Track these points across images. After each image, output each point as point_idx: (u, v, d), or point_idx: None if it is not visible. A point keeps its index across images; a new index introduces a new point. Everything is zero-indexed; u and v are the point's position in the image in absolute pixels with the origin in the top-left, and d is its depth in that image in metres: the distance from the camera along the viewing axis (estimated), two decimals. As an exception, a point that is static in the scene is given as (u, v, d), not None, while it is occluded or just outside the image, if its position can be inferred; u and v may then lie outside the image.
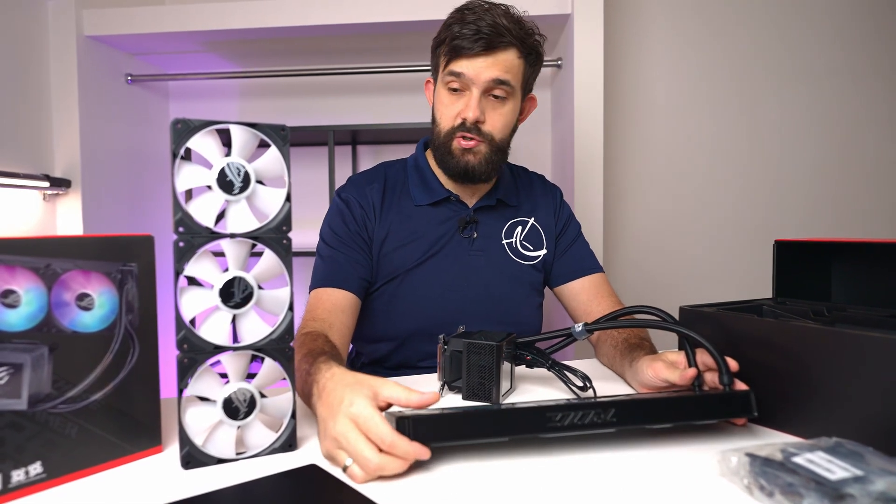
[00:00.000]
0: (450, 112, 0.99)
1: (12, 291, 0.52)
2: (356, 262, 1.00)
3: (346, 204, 1.04)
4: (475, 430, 0.57)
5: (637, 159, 2.17)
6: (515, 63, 0.97)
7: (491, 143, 0.99)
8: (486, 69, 0.94)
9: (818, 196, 2.15)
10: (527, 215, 1.11)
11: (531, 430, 0.58)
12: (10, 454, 0.51)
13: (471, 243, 1.05)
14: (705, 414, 0.62)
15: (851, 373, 0.59)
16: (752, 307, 0.83)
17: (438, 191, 1.06)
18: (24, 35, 1.69)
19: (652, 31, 2.13)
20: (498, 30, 0.93)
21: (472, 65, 0.94)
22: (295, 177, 2.26)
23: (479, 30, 0.93)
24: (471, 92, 0.96)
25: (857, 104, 2.13)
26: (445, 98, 0.99)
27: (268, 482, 0.55)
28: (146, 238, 0.61)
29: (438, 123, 1.01)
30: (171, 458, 0.61)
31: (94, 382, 0.57)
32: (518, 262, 1.08)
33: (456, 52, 0.95)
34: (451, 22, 0.97)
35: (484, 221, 1.07)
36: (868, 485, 0.45)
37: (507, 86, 0.96)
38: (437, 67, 1.02)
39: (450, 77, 0.96)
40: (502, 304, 1.05)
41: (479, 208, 1.07)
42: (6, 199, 1.63)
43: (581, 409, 0.59)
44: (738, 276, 2.16)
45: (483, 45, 0.93)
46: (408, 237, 1.03)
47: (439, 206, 1.06)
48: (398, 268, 1.02)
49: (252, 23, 1.79)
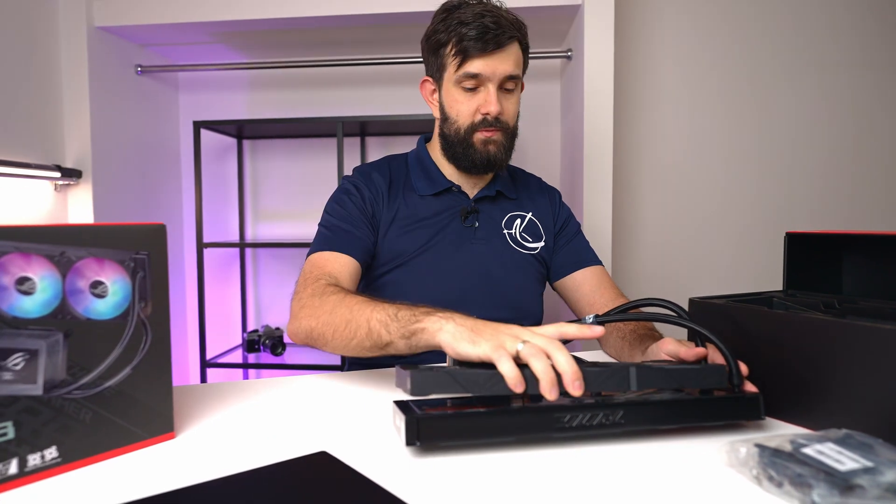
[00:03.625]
0: (467, 109, 1.01)
1: (28, 278, 0.52)
2: (361, 235, 1.01)
3: (354, 186, 1.06)
4: (484, 430, 0.58)
5: (647, 151, 2.15)
6: (520, 55, 1.03)
7: (506, 130, 1.04)
8: (500, 65, 0.98)
9: (832, 189, 2.13)
10: (524, 210, 1.14)
11: (540, 430, 0.59)
12: (27, 438, 0.52)
13: (473, 232, 1.07)
14: (713, 416, 0.63)
15: (861, 365, 0.59)
16: (763, 299, 0.83)
17: (441, 181, 1.09)
18: (35, 26, 1.70)
19: (663, 21, 2.11)
20: (502, 26, 0.97)
21: (486, 64, 0.98)
22: (304, 168, 2.27)
23: (486, 29, 0.96)
24: (487, 88, 1.00)
25: (871, 96, 2.10)
26: (460, 96, 1.02)
27: (278, 468, 0.55)
28: (158, 227, 0.62)
29: (455, 121, 1.03)
30: (184, 444, 0.62)
31: (108, 369, 0.57)
32: (519, 251, 1.10)
33: (467, 53, 0.97)
34: (449, 22, 0.98)
35: (485, 211, 1.10)
36: (878, 476, 0.45)
37: (517, 78, 1.02)
38: (440, 67, 1.03)
39: (466, 78, 0.99)
40: (504, 290, 1.07)
41: (479, 199, 1.10)
42: (18, 189, 1.65)
43: (590, 409, 0.59)
44: (750, 269, 2.15)
45: (494, 45, 0.96)
46: (412, 224, 1.05)
47: (441, 197, 1.09)
48: (402, 253, 1.03)
49: (262, 14, 1.80)
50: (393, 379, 0.86)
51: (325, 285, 0.85)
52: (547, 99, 2.17)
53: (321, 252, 0.96)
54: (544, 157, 2.19)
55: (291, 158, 2.29)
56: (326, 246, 0.97)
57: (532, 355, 0.57)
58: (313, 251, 0.98)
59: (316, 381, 0.85)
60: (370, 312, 0.73)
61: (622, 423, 0.60)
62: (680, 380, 0.63)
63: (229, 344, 2.29)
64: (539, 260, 1.12)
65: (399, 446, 0.60)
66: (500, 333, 0.61)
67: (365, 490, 0.51)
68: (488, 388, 0.58)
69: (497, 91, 1.00)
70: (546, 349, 0.58)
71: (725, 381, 0.64)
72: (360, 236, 1.00)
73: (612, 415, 0.60)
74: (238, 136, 2.22)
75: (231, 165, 2.30)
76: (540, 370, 0.56)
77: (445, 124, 1.05)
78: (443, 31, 1.00)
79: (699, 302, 0.78)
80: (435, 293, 1.02)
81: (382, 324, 0.71)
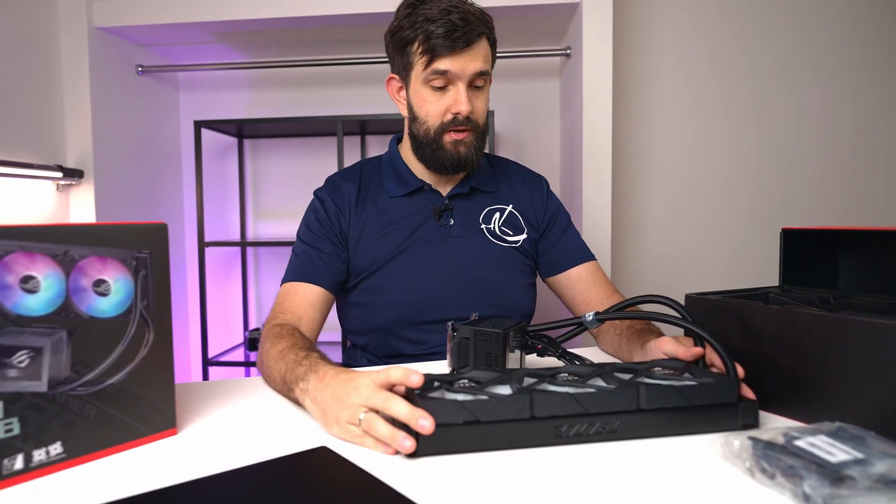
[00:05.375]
0: (437, 109, 0.99)
1: (32, 277, 0.53)
2: (329, 257, 1.01)
3: (320, 202, 1.07)
4: (483, 442, 0.59)
5: (647, 149, 2.16)
6: (488, 51, 1.00)
7: (476, 129, 1.02)
8: (469, 63, 0.96)
9: (830, 186, 2.13)
10: (504, 202, 1.11)
11: (538, 440, 0.60)
12: (32, 434, 0.53)
13: (448, 230, 1.06)
14: (710, 424, 0.63)
15: (854, 359, 0.60)
16: (759, 295, 0.83)
17: (412, 181, 1.08)
18: (36, 27, 1.71)
19: (662, 18, 2.11)
20: (470, 22, 0.95)
21: (455, 62, 0.95)
22: (304, 167, 2.27)
23: (454, 26, 0.93)
24: (456, 86, 0.97)
25: (869, 94, 2.10)
26: (429, 96, 0.99)
27: (279, 464, 0.56)
28: (160, 226, 0.63)
29: (425, 121, 1.01)
30: (186, 440, 0.63)
31: (111, 366, 0.58)
32: (499, 245, 1.08)
33: (436, 52, 0.95)
34: (415, 19, 0.96)
35: (460, 208, 1.08)
36: (868, 467, 0.46)
37: (487, 74, 1.00)
38: (407, 65, 1.00)
39: (434, 76, 0.97)
40: (487, 287, 1.05)
41: (452, 196, 1.08)
42: (21, 189, 1.66)
43: (587, 418, 0.60)
44: (749, 266, 2.15)
45: (464, 43, 0.94)
46: (384, 229, 1.04)
47: (414, 197, 1.08)
48: (377, 259, 1.03)
49: (262, 13, 1.80)
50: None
51: (278, 328, 0.88)
52: (546, 97, 2.18)
53: (289, 283, 1.00)
54: (543, 155, 2.19)
55: (292, 157, 2.29)
56: (295, 275, 1.00)
57: (369, 428, 0.60)
58: (284, 280, 1.01)
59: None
60: (279, 369, 0.77)
61: (619, 431, 0.61)
62: (690, 397, 0.62)
63: (231, 342, 2.30)
64: (523, 252, 1.09)
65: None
66: (343, 410, 0.62)
67: (365, 484, 0.52)
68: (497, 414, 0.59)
69: (467, 89, 0.98)
70: (382, 407, 0.60)
71: (735, 395, 0.63)
72: (326, 260, 1.01)
73: (609, 424, 0.61)
74: (238, 135, 2.23)
75: (232, 164, 2.31)
76: (382, 436, 0.59)
77: (415, 124, 1.03)
78: (408, 27, 0.97)
79: (695, 298, 0.79)
80: (413, 296, 1.02)
81: (283, 383, 0.75)
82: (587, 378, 0.66)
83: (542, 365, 0.90)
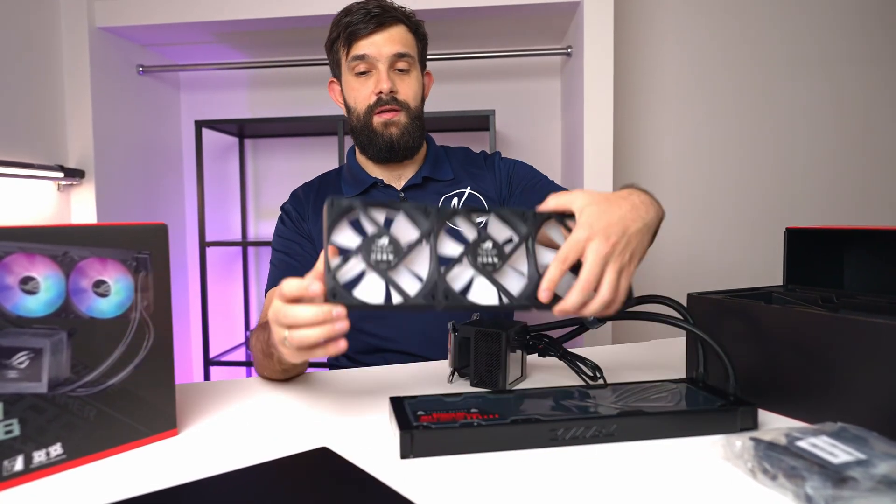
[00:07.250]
0: (362, 94, 1.04)
1: (32, 278, 0.53)
2: (303, 257, 1.05)
3: (285, 213, 1.13)
4: (478, 444, 0.59)
5: (648, 148, 2.15)
6: (408, 37, 1.05)
7: (408, 111, 1.05)
8: (386, 44, 1.01)
9: (835, 185, 2.13)
10: (462, 187, 1.12)
11: (534, 443, 0.60)
12: (32, 436, 0.53)
13: None
14: (709, 427, 0.62)
15: (857, 359, 0.60)
16: (762, 294, 0.83)
17: (365, 179, 1.11)
18: (37, 27, 1.71)
19: (663, 16, 2.11)
20: (386, 9, 1.02)
21: (371, 43, 1.01)
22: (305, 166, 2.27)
23: (368, 11, 1.01)
24: (378, 69, 1.03)
25: (876, 92, 2.09)
26: (355, 83, 1.05)
27: (280, 464, 0.56)
28: (160, 227, 0.62)
29: (355, 108, 1.06)
30: (186, 441, 0.63)
31: (112, 367, 0.58)
32: None
33: (353, 37, 1.02)
34: (338, 19, 1.04)
35: (415, 199, 1.09)
36: (871, 468, 0.46)
37: (409, 57, 1.04)
38: (337, 62, 1.08)
39: (355, 62, 1.03)
40: None
41: (407, 188, 1.10)
42: (22, 189, 1.66)
43: (584, 422, 0.60)
44: (753, 266, 2.15)
45: (376, 23, 1.00)
46: None
47: (369, 194, 1.10)
48: None
49: (262, 13, 1.80)
50: (393, 378, 0.87)
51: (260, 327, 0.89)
52: (547, 96, 2.17)
53: (270, 291, 1.02)
54: (544, 155, 2.19)
55: (293, 157, 2.29)
56: (274, 282, 1.03)
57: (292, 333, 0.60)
58: (266, 289, 1.05)
59: (316, 379, 0.86)
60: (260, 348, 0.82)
61: (615, 434, 0.61)
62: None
63: (232, 342, 2.30)
64: None
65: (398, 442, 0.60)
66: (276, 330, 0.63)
67: (365, 485, 0.52)
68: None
69: (389, 71, 1.02)
70: (292, 321, 0.59)
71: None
72: (300, 260, 1.05)
73: (606, 427, 0.61)
74: (239, 135, 2.23)
75: (233, 164, 2.31)
76: (296, 316, 0.59)
77: (350, 116, 1.08)
78: (334, 29, 1.05)
79: (697, 297, 0.78)
80: None
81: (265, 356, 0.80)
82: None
83: (543, 365, 0.90)
